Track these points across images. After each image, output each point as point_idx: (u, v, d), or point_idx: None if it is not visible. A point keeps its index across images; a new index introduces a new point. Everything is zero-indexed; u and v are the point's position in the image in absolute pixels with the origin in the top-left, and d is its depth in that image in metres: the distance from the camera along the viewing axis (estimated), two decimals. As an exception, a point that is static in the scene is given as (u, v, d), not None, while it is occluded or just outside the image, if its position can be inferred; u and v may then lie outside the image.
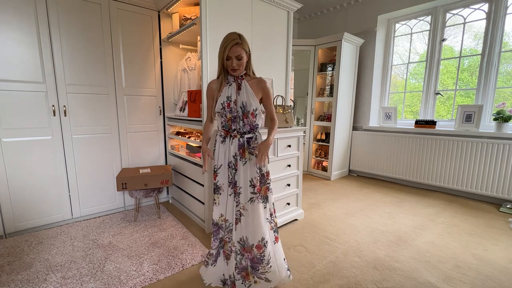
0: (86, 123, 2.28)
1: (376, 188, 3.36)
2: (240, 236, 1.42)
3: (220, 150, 1.45)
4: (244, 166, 1.41)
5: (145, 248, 1.90)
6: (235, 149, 1.41)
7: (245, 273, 1.43)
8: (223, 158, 1.45)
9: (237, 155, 1.41)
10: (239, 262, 1.43)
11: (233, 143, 1.41)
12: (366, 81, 3.79)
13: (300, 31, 4.64)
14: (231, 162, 1.42)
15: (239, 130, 1.41)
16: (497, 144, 2.68)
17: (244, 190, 1.41)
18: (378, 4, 3.55)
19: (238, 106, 1.38)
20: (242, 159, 1.41)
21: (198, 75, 2.58)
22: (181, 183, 2.55)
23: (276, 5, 2.30)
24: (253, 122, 1.41)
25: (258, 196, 1.41)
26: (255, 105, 1.39)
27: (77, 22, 2.14)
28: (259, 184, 1.41)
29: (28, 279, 1.54)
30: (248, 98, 1.38)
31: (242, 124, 1.40)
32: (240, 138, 1.41)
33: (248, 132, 1.42)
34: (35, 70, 2.01)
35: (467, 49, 3.14)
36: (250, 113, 1.39)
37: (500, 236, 2.10)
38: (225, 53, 1.31)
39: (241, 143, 1.41)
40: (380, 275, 1.61)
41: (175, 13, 2.50)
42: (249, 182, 1.41)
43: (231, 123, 1.41)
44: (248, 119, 1.40)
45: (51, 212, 2.19)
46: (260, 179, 1.42)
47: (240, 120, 1.40)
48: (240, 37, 1.31)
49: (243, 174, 1.41)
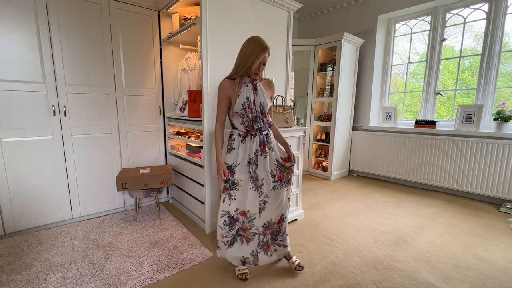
0: (86, 123, 2.28)
1: (376, 188, 3.36)
2: (264, 220, 1.60)
3: (240, 149, 1.53)
4: (264, 160, 1.54)
5: (145, 248, 1.90)
6: (256, 146, 1.52)
7: (267, 246, 1.64)
8: (242, 156, 1.53)
9: (258, 151, 1.53)
10: (262, 240, 1.63)
11: (255, 141, 1.52)
12: (366, 81, 3.79)
13: (300, 31, 4.64)
14: (252, 158, 1.52)
15: (260, 129, 1.52)
16: (497, 144, 2.68)
17: (267, 181, 1.56)
18: (378, 4, 3.55)
19: (257, 106, 1.49)
20: (263, 154, 1.54)
21: (198, 75, 2.58)
22: (181, 183, 2.55)
23: (276, 5, 2.30)
24: (268, 121, 1.55)
25: (280, 183, 1.58)
26: (269, 105, 1.54)
27: (77, 22, 2.14)
28: (279, 173, 1.58)
29: (28, 279, 1.54)
30: (264, 99, 1.50)
31: (262, 123, 1.52)
32: (260, 135, 1.53)
33: (266, 129, 1.56)
34: (35, 70, 2.01)
35: (468, 49, 3.14)
36: (266, 112, 1.53)
37: (500, 236, 2.10)
38: (258, 59, 1.39)
39: (262, 140, 1.53)
40: (380, 275, 1.61)
41: (175, 13, 2.50)
42: (270, 173, 1.56)
43: (253, 123, 1.50)
44: (266, 118, 1.53)
45: (51, 212, 2.19)
46: (279, 168, 1.58)
47: (260, 119, 1.51)
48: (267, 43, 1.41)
49: (264, 167, 1.54)
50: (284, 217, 1.64)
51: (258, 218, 1.59)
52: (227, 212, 1.56)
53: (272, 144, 1.57)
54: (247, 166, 1.53)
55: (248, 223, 1.59)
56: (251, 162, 1.52)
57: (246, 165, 1.53)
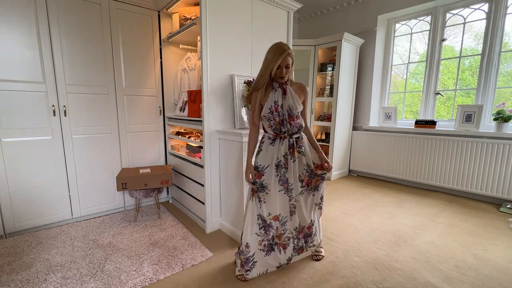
0: (86, 123, 2.28)
1: (376, 188, 3.36)
2: (296, 224, 1.64)
3: (268, 152, 1.55)
4: (294, 163, 1.55)
5: (145, 248, 1.90)
6: (285, 149, 1.53)
7: (301, 250, 1.70)
8: (271, 158, 1.55)
9: (288, 155, 1.53)
10: (296, 244, 1.68)
11: (284, 143, 1.53)
12: (366, 81, 3.79)
13: (300, 31, 4.64)
14: (281, 161, 1.53)
15: (289, 132, 1.53)
16: (497, 144, 2.68)
17: (295, 185, 1.57)
18: (378, 4, 3.55)
19: (285, 110, 1.50)
20: (292, 158, 1.54)
21: (198, 75, 2.58)
22: (181, 183, 2.55)
23: (276, 5, 2.30)
24: (298, 124, 1.54)
25: (307, 188, 1.61)
26: (299, 108, 1.53)
27: (77, 22, 2.14)
28: (307, 178, 1.59)
29: (28, 279, 1.54)
30: (293, 102, 1.50)
31: (289, 126, 1.52)
32: (290, 138, 1.54)
33: (295, 132, 1.55)
34: (35, 70, 2.01)
35: (468, 49, 3.14)
36: (295, 115, 1.52)
37: (500, 236, 2.10)
38: (277, 62, 1.40)
39: (291, 143, 1.54)
40: (380, 275, 1.61)
41: (175, 13, 2.50)
42: (298, 177, 1.57)
43: (280, 126, 1.52)
44: (294, 121, 1.52)
45: (51, 212, 2.19)
46: (308, 175, 1.59)
47: (287, 122, 1.51)
48: (288, 47, 1.42)
49: (293, 171, 1.55)
50: (313, 221, 1.68)
51: (290, 220, 1.62)
52: (260, 215, 1.56)
53: (303, 149, 1.56)
54: (275, 169, 1.54)
55: (281, 227, 1.61)
56: (280, 165, 1.54)
57: (274, 168, 1.54)
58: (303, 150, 1.56)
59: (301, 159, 1.57)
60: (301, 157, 1.57)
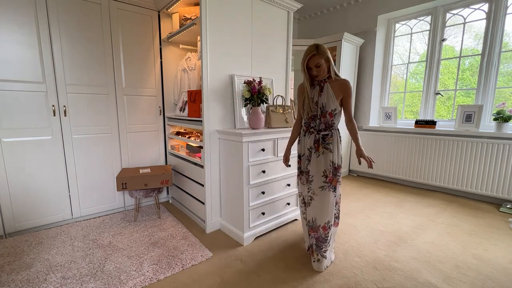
0: (86, 123, 2.28)
1: (376, 188, 3.36)
2: (309, 218, 1.67)
3: (302, 142, 1.73)
4: (318, 158, 1.62)
5: (145, 248, 1.90)
6: (310, 143, 1.64)
7: (311, 251, 1.70)
8: (303, 148, 1.70)
9: (312, 149, 1.63)
10: (309, 242, 1.71)
11: (310, 138, 1.65)
12: (366, 81, 3.79)
13: (300, 31, 4.64)
14: (305, 154, 1.67)
15: (316, 128, 1.62)
16: (497, 144, 2.68)
17: (316, 179, 1.62)
18: (378, 4, 3.55)
19: (318, 107, 1.59)
20: (316, 152, 1.62)
21: (198, 75, 2.58)
22: (181, 183, 2.55)
23: (276, 5, 2.30)
24: (329, 121, 1.59)
25: (329, 185, 1.61)
26: (333, 106, 1.57)
27: (77, 22, 2.14)
28: (331, 175, 1.61)
29: (28, 279, 1.54)
30: (327, 100, 1.56)
31: (318, 122, 1.61)
32: (317, 134, 1.62)
33: (324, 129, 1.61)
34: (35, 70, 2.01)
35: (468, 49, 3.13)
36: (328, 113, 1.58)
37: (500, 236, 2.10)
38: (304, 65, 1.55)
39: (317, 138, 1.62)
40: (380, 275, 1.61)
41: (175, 13, 2.50)
42: (322, 172, 1.61)
43: (310, 121, 1.64)
44: (325, 118, 1.59)
45: (51, 212, 2.19)
46: (333, 171, 1.61)
47: (318, 119, 1.61)
48: (318, 48, 1.50)
49: (316, 165, 1.62)
50: (330, 224, 1.63)
51: (306, 212, 1.71)
52: (300, 193, 1.78)
53: (331, 146, 1.59)
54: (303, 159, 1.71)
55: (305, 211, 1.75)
56: (305, 157, 1.68)
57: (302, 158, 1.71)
58: (331, 147, 1.59)
59: (328, 156, 1.60)
60: (328, 153, 1.60)
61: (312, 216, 1.65)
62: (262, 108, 2.17)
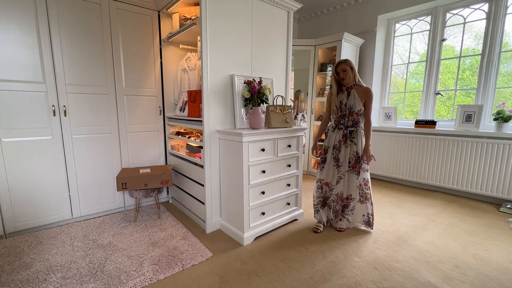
0: (86, 123, 2.28)
1: (376, 188, 3.36)
2: (338, 191, 2.15)
3: (330, 137, 2.16)
4: (346, 149, 2.08)
5: (145, 248, 1.90)
6: (339, 137, 2.10)
7: (336, 214, 2.20)
8: (332, 141, 2.14)
9: (341, 141, 2.09)
10: (334, 207, 2.19)
11: (339, 133, 2.10)
12: (366, 81, 3.79)
13: (300, 31, 4.64)
14: (336, 145, 2.12)
15: (345, 124, 2.08)
16: (497, 144, 2.68)
17: (344, 164, 2.10)
18: (378, 4, 3.55)
19: (347, 108, 2.05)
20: (344, 144, 2.08)
21: (198, 75, 2.58)
22: (181, 183, 2.55)
23: (276, 5, 2.30)
24: (356, 119, 2.04)
25: (353, 170, 2.10)
26: (359, 107, 2.01)
27: (77, 22, 2.14)
28: (353, 162, 2.08)
29: (28, 279, 1.54)
30: (354, 102, 2.02)
31: (347, 120, 2.07)
32: (345, 130, 2.08)
33: (351, 126, 2.06)
34: (35, 70, 2.01)
35: (468, 48, 3.13)
36: (355, 112, 2.03)
37: (500, 236, 2.10)
38: (333, 70, 2.06)
39: (345, 133, 2.08)
40: (380, 275, 1.61)
41: (175, 13, 2.50)
42: (347, 160, 2.09)
43: (340, 119, 2.10)
44: (352, 116, 2.04)
45: (51, 212, 2.19)
46: (355, 160, 2.07)
47: (346, 117, 2.06)
48: (345, 60, 2.02)
49: (344, 154, 2.09)
50: (352, 197, 2.13)
51: (335, 188, 2.14)
52: (318, 179, 2.23)
53: (356, 140, 2.05)
54: (333, 150, 2.13)
55: (329, 191, 2.18)
56: (336, 147, 2.12)
57: (332, 149, 2.13)
58: (355, 141, 2.05)
59: (353, 147, 2.06)
60: (353, 145, 2.06)
61: (340, 190, 2.13)
62: (262, 108, 2.17)
